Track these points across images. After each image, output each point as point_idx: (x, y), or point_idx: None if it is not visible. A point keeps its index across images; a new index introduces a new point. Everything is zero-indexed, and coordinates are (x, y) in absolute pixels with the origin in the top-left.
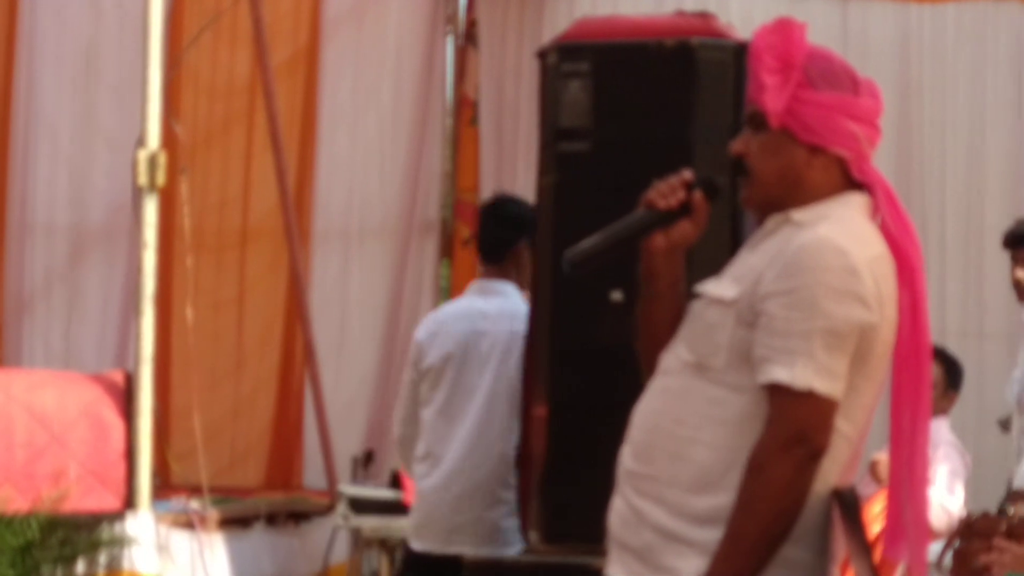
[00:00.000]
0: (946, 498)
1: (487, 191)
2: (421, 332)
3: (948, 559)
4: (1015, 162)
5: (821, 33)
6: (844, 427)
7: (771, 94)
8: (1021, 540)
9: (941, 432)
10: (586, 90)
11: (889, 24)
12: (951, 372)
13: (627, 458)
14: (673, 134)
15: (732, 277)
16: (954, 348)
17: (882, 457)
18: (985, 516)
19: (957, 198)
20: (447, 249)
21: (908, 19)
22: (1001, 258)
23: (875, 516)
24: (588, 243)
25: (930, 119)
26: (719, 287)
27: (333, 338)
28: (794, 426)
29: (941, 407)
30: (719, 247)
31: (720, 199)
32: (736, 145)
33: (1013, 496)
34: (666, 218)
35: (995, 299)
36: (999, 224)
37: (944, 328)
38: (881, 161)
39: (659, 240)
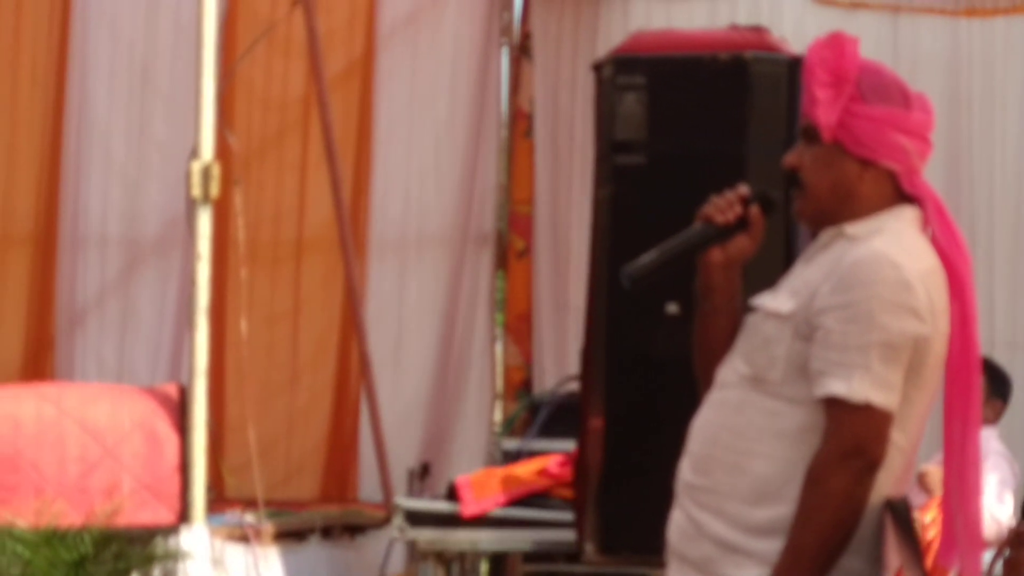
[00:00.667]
0: (996, 507)
1: (542, 203)
2: None
3: (998, 568)
4: None
5: (872, 46)
6: (898, 438)
7: (823, 108)
8: None
9: (991, 442)
10: (641, 103)
11: (939, 37)
12: (994, 381)
13: (686, 471)
14: (727, 147)
15: (788, 291)
16: (1003, 359)
17: (931, 468)
18: None
19: (1006, 210)
20: (502, 261)
21: (958, 33)
22: None
23: (925, 526)
24: (646, 258)
25: (980, 132)
26: (775, 301)
27: (388, 350)
28: (852, 439)
29: (987, 417)
30: (773, 260)
31: (775, 213)
32: (790, 158)
33: None
34: (723, 233)
35: None
36: None
37: (993, 339)
38: (931, 174)
39: (716, 254)
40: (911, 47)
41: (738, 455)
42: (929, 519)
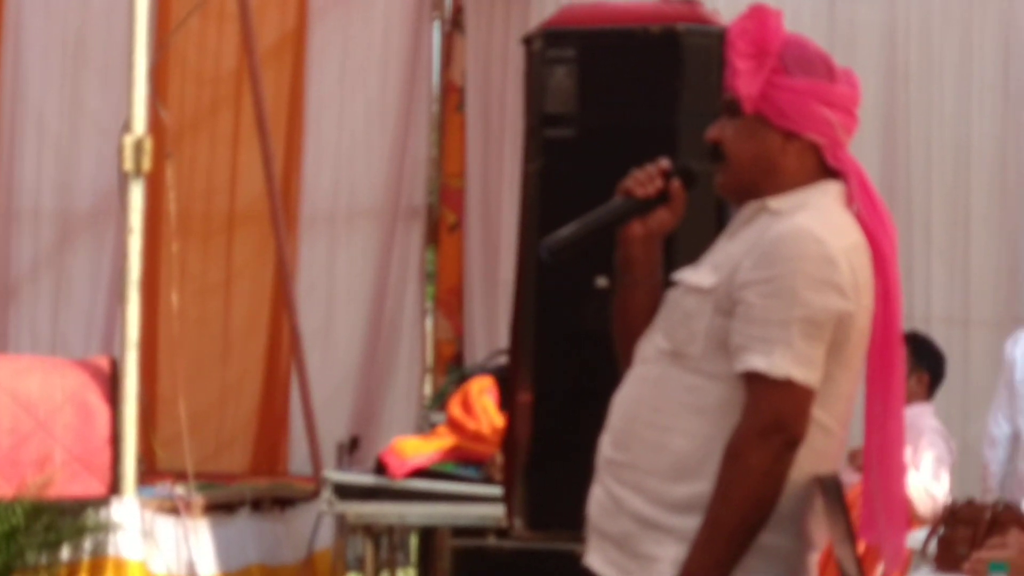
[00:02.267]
0: (931, 484)
1: (473, 177)
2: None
3: (933, 546)
4: (1001, 148)
5: (808, 20)
6: (821, 416)
7: (744, 79)
8: (1005, 528)
9: (925, 419)
10: (571, 76)
11: (876, 10)
12: (920, 353)
13: (606, 446)
14: (658, 120)
15: (710, 265)
16: (940, 335)
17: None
18: (969, 503)
19: (944, 184)
20: (433, 235)
21: (895, 5)
22: (987, 244)
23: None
24: (566, 231)
25: (917, 105)
26: (697, 275)
27: (319, 324)
28: (771, 414)
29: (914, 390)
30: (704, 235)
31: (702, 187)
32: (712, 131)
33: None
34: (644, 206)
35: (981, 285)
36: (986, 210)
37: (930, 315)
38: (867, 147)
39: (636, 228)
40: (848, 19)
41: (658, 431)
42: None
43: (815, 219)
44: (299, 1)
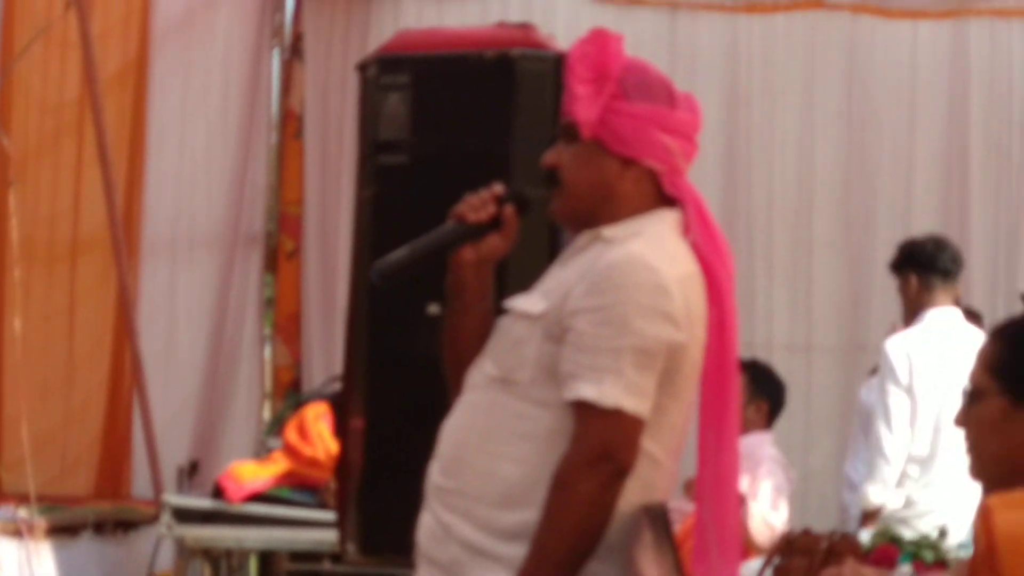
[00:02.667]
0: (770, 514)
1: (312, 204)
2: None
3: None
4: (844, 173)
5: (649, 44)
6: (651, 447)
7: (583, 104)
8: (841, 558)
9: (764, 448)
10: (405, 102)
11: (718, 34)
12: (759, 381)
13: (435, 473)
14: (491, 146)
15: (541, 292)
16: (782, 362)
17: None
18: (806, 533)
19: (786, 209)
20: (272, 262)
21: (737, 29)
22: (830, 270)
23: (688, 531)
24: (396, 255)
25: (759, 130)
26: (527, 302)
27: (161, 350)
28: (600, 443)
29: (752, 419)
30: (537, 262)
31: (536, 213)
32: (548, 156)
33: (866, 516)
34: (475, 231)
35: (824, 312)
36: (828, 236)
37: (772, 341)
38: (709, 173)
39: (468, 253)
40: (690, 44)
41: (486, 458)
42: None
43: (649, 247)
44: (141, 29)
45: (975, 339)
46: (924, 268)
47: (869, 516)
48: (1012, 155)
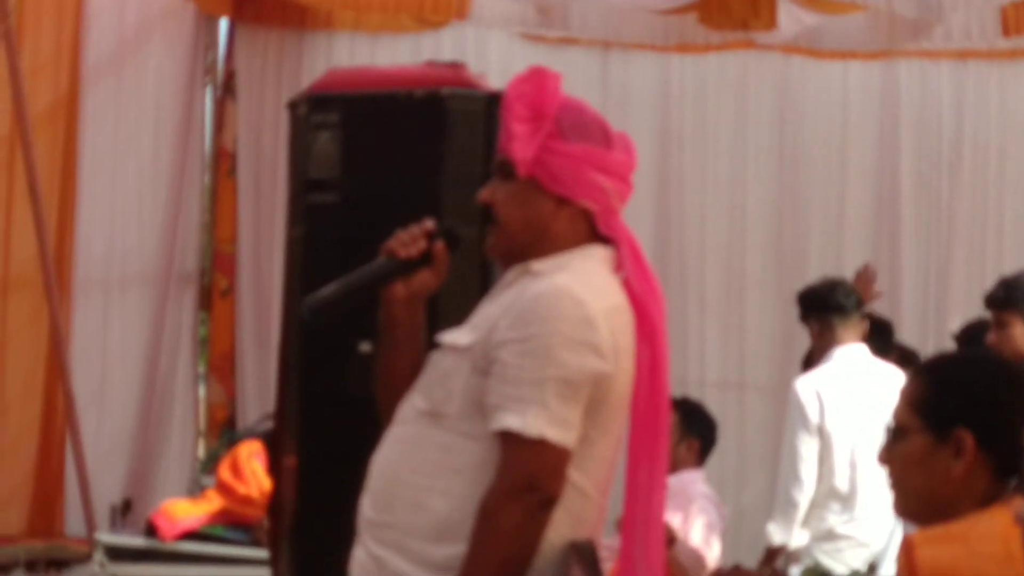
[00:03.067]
0: (702, 550)
1: (245, 242)
2: None
3: None
4: (776, 212)
5: (581, 82)
6: (577, 478)
7: (520, 143)
8: None
9: (696, 485)
10: (335, 141)
11: (650, 74)
12: (690, 419)
13: (366, 507)
14: (422, 185)
15: (470, 326)
16: (715, 399)
17: None
18: (736, 569)
19: (718, 249)
20: (206, 300)
21: (669, 69)
22: (762, 309)
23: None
24: (327, 290)
25: (691, 168)
26: (455, 335)
27: (94, 388)
28: (525, 474)
29: (683, 457)
30: (469, 298)
31: (468, 250)
32: (484, 193)
33: (768, 555)
34: (406, 267)
35: (756, 350)
36: (760, 275)
37: (704, 379)
38: (641, 211)
39: (399, 289)
40: (621, 83)
41: (417, 491)
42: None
43: (575, 280)
44: (72, 66)
45: (884, 374)
46: (820, 310)
47: (772, 554)
48: (941, 193)
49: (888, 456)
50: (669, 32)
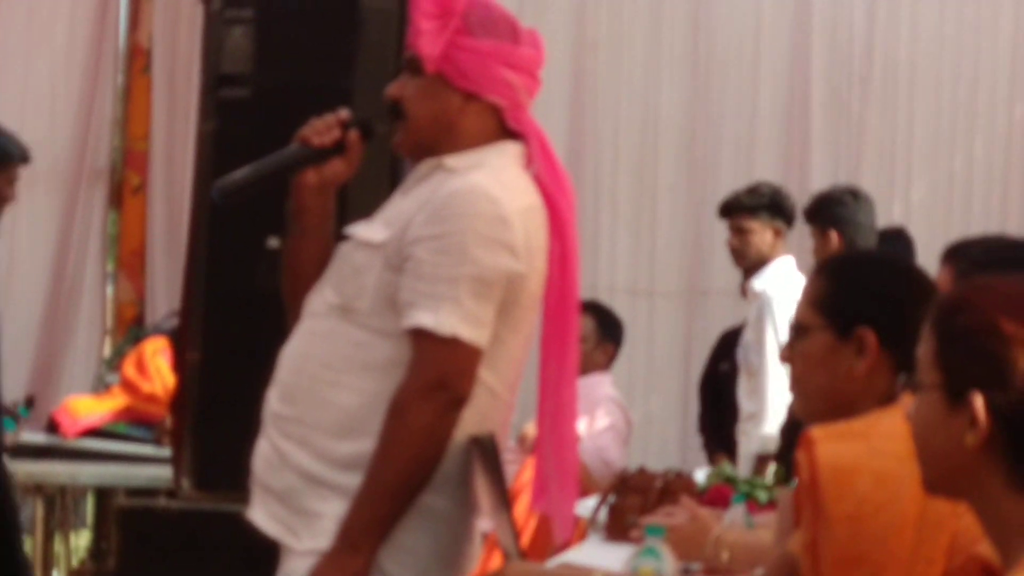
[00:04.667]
0: (608, 452)
1: (158, 140)
2: None
3: (604, 514)
4: (690, 118)
5: None
6: (488, 377)
7: (427, 39)
8: (675, 497)
9: (603, 387)
10: (248, 36)
11: None
12: (606, 325)
13: (273, 400)
14: (334, 81)
15: (382, 221)
16: (624, 305)
17: (531, 429)
18: (641, 472)
19: (631, 153)
20: (116, 198)
21: None
22: (673, 215)
23: (525, 483)
24: (239, 174)
25: (605, 72)
26: (368, 230)
27: None
28: (436, 371)
29: (597, 361)
30: (378, 192)
31: (379, 144)
32: (392, 89)
33: (760, 461)
34: (319, 155)
35: (667, 256)
36: (673, 181)
37: (614, 284)
38: (555, 116)
39: (311, 176)
40: None
41: (324, 386)
42: (527, 478)
43: (490, 178)
44: None
45: None
46: (844, 224)
47: (764, 460)
48: (851, 106)
49: (790, 355)
50: None
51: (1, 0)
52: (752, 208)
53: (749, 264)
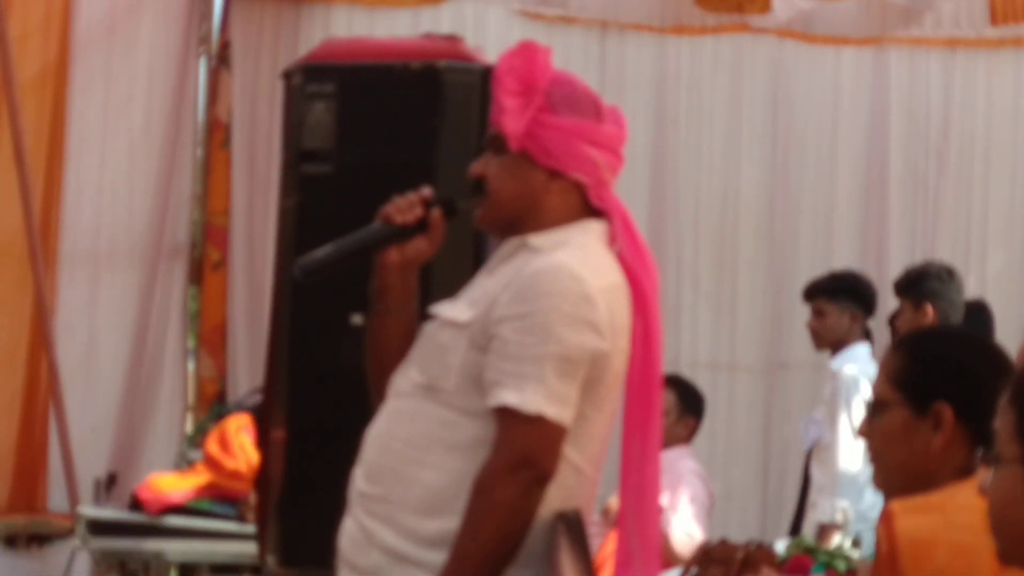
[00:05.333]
0: (690, 525)
1: (238, 215)
2: None
3: None
4: (769, 194)
5: (579, 61)
6: (572, 455)
7: (511, 116)
8: (756, 567)
9: (685, 461)
10: (330, 112)
11: (647, 54)
12: (687, 399)
13: (359, 479)
14: (417, 157)
15: (467, 300)
16: (705, 379)
17: (614, 502)
18: (723, 543)
19: (712, 230)
20: (196, 273)
21: (665, 50)
22: (753, 290)
23: (608, 555)
24: (321, 252)
25: (686, 150)
26: (453, 309)
27: (79, 361)
28: (521, 450)
29: (679, 435)
30: (462, 270)
31: (461, 221)
32: (475, 167)
33: (823, 531)
34: (402, 233)
35: (747, 332)
36: (753, 256)
37: (696, 360)
38: (636, 192)
39: (393, 255)
40: (618, 63)
41: (410, 465)
42: (611, 550)
43: (575, 257)
44: (61, 32)
45: None
46: (940, 299)
47: (828, 529)
48: (928, 180)
49: (868, 430)
50: (666, 14)
51: (78, 75)
52: (832, 292)
53: (825, 345)
